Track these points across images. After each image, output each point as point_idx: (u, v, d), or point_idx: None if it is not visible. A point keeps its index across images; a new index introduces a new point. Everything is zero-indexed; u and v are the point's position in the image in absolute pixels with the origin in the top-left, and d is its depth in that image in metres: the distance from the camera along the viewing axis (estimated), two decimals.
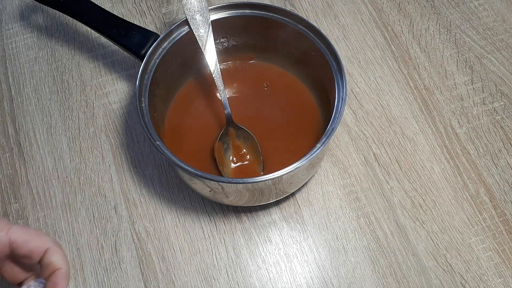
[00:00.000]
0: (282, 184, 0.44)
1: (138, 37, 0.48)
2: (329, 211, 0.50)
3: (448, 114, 0.55)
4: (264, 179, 0.40)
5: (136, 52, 0.48)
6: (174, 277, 0.47)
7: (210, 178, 0.40)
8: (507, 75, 0.57)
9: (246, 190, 0.43)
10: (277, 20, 0.49)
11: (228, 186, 0.42)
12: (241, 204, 0.48)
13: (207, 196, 0.46)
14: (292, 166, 0.40)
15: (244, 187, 0.41)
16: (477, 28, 0.60)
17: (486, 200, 0.50)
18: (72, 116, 0.56)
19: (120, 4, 0.63)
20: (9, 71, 0.59)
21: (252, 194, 0.44)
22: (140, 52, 0.48)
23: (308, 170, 0.46)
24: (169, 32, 0.47)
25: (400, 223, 0.49)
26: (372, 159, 0.52)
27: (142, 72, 0.46)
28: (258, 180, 0.40)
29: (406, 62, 0.58)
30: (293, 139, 0.50)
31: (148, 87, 0.45)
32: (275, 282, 0.47)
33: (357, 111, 0.55)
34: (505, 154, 0.52)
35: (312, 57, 0.49)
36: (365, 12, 0.62)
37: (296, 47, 0.50)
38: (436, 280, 0.47)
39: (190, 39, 0.48)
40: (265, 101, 0.53)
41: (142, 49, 0.48)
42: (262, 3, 0.49)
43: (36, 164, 0.53)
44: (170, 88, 0.52)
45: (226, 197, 0.45)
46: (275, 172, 0.40)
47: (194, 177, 0.41)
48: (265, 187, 0.43)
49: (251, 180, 0.40)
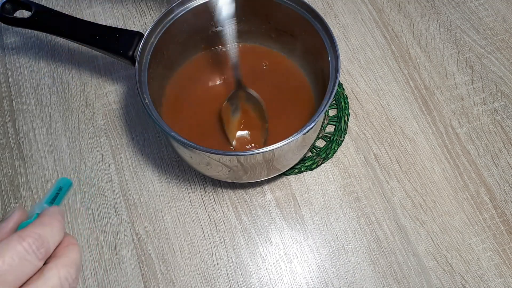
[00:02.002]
0: (276, 159, 0.43)
1: (123, 39, 0.47)
2: (329, 211, 0.50)
3: (449, 114, 0.55)
4: (255, 152, 0.39)
5: (123, 54, 0.47)
6: (174, 277, 0.47)
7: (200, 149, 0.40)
8: (508, 75, 0.57)
9: (238, 163, 0.42)
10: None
11: (219, 158, 0.41)
12: (233, 180, 0.48)
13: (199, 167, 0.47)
14: (286, 140, 0.40)
15: (236, 159, 0.41)
16: (478, 28, 0.60)
17: (487, 200, 0.50)
18: (72, 116, 0.56)
19: (120, 4, 0.63)
20: (9, 71, 0.59)
21: (244, 168, 0.44)
22: (128, 53, 0.46)
23: (301, 147, 0.46)
24: (154, 27, 0.47)
25: (401, 223, 0.49)
26: (373, 159, 0.52)
27: (138, 72, 0.45)
28: (248, 154, 0.39)
29: (407, 62, 0.58)
30: (292, 116, 0.50)
31: (147, 83, 0.45)
32: (275, 282, 0.47)
33: (357, 111, 0.55)
34: (505, 154, 0.52)
35: (302, 31, 0.48)
36: (365, 12, 0.62)
37: (283, 23, 0.50)
38: (436, 280, 0.46)
39: (183, 24, 0.48)
40: (262, 80, 0.53)
41: (129, 50, 0.46)
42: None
43: (36, 164, 0.53)
44: (172, 65, 0.52)
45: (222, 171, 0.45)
46: (269, 146, 0.39)
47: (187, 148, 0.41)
48: (256, 162, 0.42)
49: (242, 154, 0.40)
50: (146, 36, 0.46)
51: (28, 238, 0.25)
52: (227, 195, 0.51)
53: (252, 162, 0.43)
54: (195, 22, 0.50)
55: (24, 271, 0.25)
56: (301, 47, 0.51)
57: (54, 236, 0.27)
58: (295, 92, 0.52)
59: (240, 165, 0.43)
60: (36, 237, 0.26)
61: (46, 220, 0.27)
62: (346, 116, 0.55)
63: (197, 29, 0.51)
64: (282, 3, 0.47)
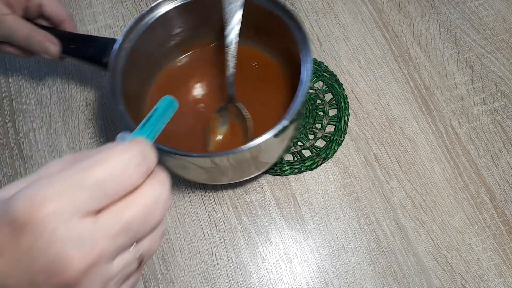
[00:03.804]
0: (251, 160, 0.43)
1: (97, 47, 0.47)
2: (329, 211, 0.50)
3: (449, 114, 0.55)
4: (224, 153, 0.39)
5: (98, 61, 0.47)
6: (174, 277, 0.47)
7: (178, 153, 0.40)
8: (508, 75, 0.57)
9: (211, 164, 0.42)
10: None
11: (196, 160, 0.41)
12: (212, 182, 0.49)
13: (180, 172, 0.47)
14: (255, 142, 0.40)
15: (209, 161, 0.41)
16: (478, 28, 0.60)
17: (487, 200, 0.50)
18: (72, 116, 0.56)
19: (120, 4, 0.63)
20: (9, 71, 0.59)
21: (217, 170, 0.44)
22: (103, 60, 0.46)
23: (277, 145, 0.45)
24: (127, 33, 0.46)
25: (401, 223, 0.49)
26: (373, 159, 0.52)
27: (111, 78, 0.44)
28: (221, 154, 0.40)
29: (406, 62, 0.58)
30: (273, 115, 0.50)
31: (121, 89, 0.44)
32: (275, 282, 0.47)
33: (357, 111, 0.55)
34: (505, 154, 0.52)
35: (273, 27, 0.48)
36: (365, 12, 0.62)
37: (255, 21, 0.50)
38: (436, 280, 0.46)
39: (155, 29, 0.48)
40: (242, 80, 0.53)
41: (104, 57, 0.46)
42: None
43: (36, 164, 0.53)
44: (153, 68, 0.52)
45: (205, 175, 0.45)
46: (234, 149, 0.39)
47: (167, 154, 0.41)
48: (228, 164, 0.42)
49: (212, 155, 0.40)
50: (119, 42, 0.45)
51: (131, 151, 0.23)
52: (227, 195, 0.51)
53: (225, 163, 0.42)
54: (169, 26, 0.50)
55: (125, 183, 0.23)
56: (275, 42, 0.51)
57: (153, 157, 0.25)
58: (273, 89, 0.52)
59: (217, 167, 0.43)
60: (139, 151, 0.24)
61: (144, 140, 0.25)
62: (346, 116, 0.55)
63: (173, 33, 0.51)
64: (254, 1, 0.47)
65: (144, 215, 0.23)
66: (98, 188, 0.22)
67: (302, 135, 0.54)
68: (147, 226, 0.24)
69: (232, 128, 0.50)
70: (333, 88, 0.56)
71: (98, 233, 0.22)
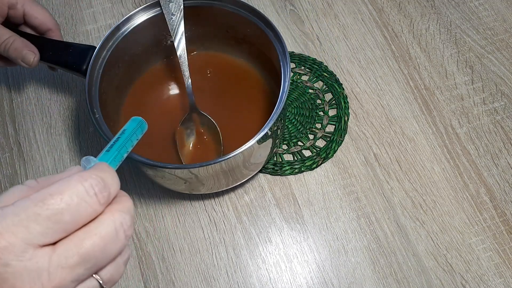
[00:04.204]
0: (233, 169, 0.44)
1: (76, 54, 0.47)
2: (329, 211, 0.50)
3: (449, 114, 0.55)
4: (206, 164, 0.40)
5: (77, 69, 0.47)
6: (174, 277, 0.47)
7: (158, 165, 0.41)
8: (508, 75, 0.57)
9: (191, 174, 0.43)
10: (204, 6, 0.49)
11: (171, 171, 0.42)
12: (191, 192, 0.49)
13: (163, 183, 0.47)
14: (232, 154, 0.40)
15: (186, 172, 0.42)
16: (478, 28, 0.60)
17: (487, 200, 0.50)
18: (72, 116, 0.56)
19: (120, 4, 0.63)
20: (9, 71, 0.59)
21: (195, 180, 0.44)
22: (82, 68, 0.46)
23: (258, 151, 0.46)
24: (105, 41, 0.47)
25: (401, 223, 0.49)
26: (373, 159, 0.52)
27: (89, 86, 0.45)
28: (196, 166, 0.40)
29: (406, 62, 0.58)
30: (248, 120, 0.51)
31: (98, 97, 0.45)
32: (275, 282, 0.47)
33: (357, 111, 0.55)
34: (505, 154, 0.52)
35: (251, 34, 0.49)
36: (365, 12, 0.62)
37: (232, 28, 0.51)
38: (436, 280, 0.46)
39: (133, 38, 0.48)
40: (217, 87, 0.54)
41: (83, 65, 0.46)
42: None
43: (36, 164, 0.53)
44: (130, 76, 0.52)
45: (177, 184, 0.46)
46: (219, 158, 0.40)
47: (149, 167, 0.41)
48: (211, 172, 0.43)
49: (190, 166, 0.41)
50: (97, 50, 0.46)
51: (90, 180, 0.23)
52: (227, 195, 0.51)
53: (205, 173, 0.43)
54: (146, 35, 0.50)
55: (82, 214, 0.23)
56: (251, 48, 0.52)
57: (114, 184, 0.24)
58: (254, 94, 0.53)
59: (195, 177, 0.43)
60: (98, 180, 0.23)
61: (106, 167, 0.25)
62: (346, 116, 0.55)
63: (150, 42, 0.51)
64: (226, 8, 0.48)
65: (104, 245, 0.23)
66: (54, 220, 0.22)
67: (302, 135, 0.54)
68: (107, 255, 0.24)
69: (199, 137, 0.50)
70: (333, 88, 0.56)
71: (55, 264, 0.22)
